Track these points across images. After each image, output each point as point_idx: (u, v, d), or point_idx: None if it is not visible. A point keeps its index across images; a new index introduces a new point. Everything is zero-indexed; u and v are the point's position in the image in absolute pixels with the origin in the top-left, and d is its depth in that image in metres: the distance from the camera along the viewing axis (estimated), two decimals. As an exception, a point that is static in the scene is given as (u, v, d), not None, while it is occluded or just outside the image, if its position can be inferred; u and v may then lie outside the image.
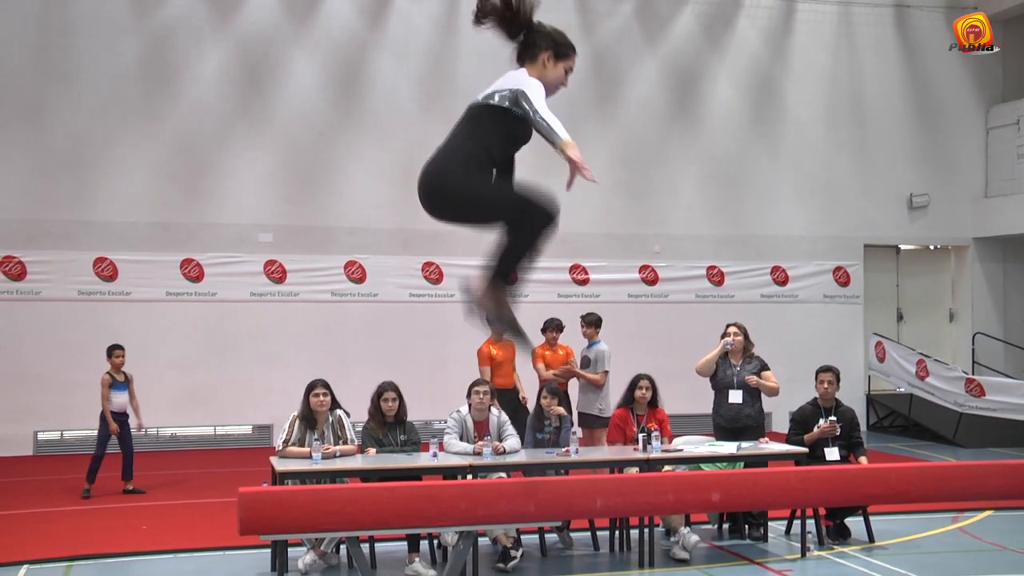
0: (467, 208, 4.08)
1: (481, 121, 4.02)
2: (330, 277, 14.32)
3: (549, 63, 4.09)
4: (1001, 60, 16.79)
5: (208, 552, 7.98)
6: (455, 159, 3.96)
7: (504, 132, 4.04)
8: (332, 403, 7.90)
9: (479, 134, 3.99)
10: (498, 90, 4.04)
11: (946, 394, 14.72)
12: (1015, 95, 16.47)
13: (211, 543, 8.12)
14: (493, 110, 4.00)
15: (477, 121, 4.03)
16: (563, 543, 8.32)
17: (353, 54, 14.60)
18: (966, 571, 7.50)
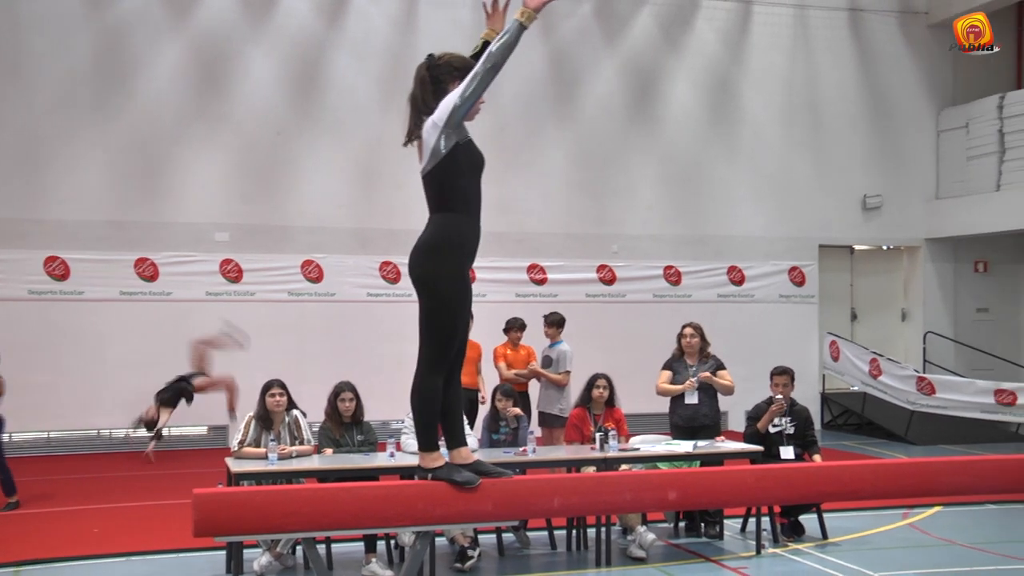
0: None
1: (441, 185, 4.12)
2: (287, 276, 14.22)
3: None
4: (951, 64, 17.06)
5: (162, 555, 7.89)
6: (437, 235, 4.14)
7: (453, 181, 4.08)
8: (288, 403, 7.85)
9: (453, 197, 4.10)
10: (428, 152, 4.12)
11: (898, 392, 14.93)
12: (965, 99, 16.74)
13: (165, 545, 8.04)
14: (440, 170, 4.09)
15: (439, 187, 4.13)
16: (520, 542, 8.33)
17: (311, 53, 14.51)
18: (916, 566, 7.61)
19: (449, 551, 7.80)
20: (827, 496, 5.47)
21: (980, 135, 16.18)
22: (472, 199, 4.11)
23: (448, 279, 4.10)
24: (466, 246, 4.13)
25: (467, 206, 4.11)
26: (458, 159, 4.06)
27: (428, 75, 4.15)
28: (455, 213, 4.09)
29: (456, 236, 4.09)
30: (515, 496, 4.28)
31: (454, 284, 4.11)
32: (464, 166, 4.08)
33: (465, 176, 4.10)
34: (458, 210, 4.08)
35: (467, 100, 3.94)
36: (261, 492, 4.22)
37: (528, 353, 10.72)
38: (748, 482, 4.75)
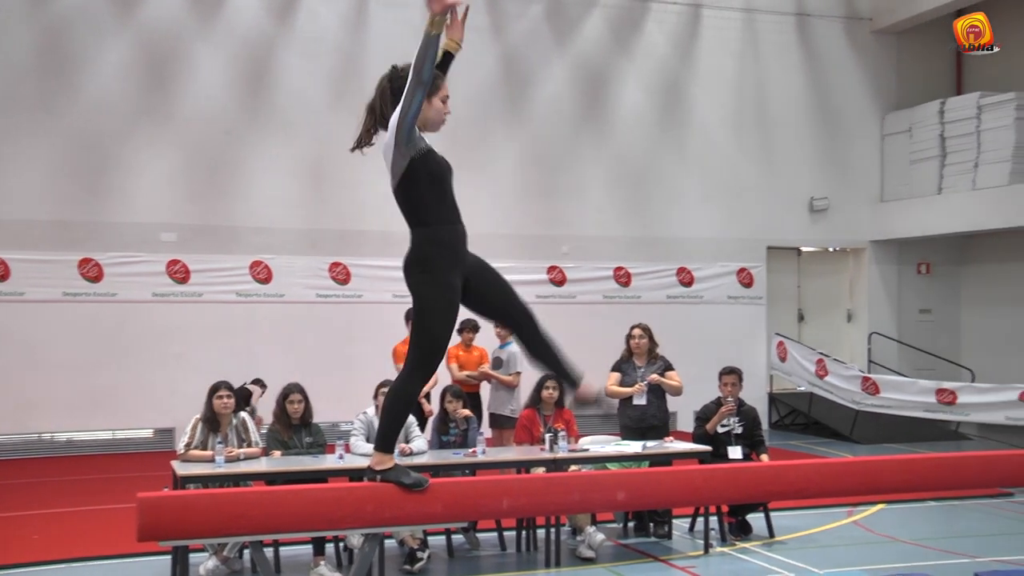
0: None
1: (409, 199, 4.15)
2: (235, 277, 14.08)
3: (427, 106, 4.04)
4: (895, 69, 17.35)
5: (105, 560, 7.76)
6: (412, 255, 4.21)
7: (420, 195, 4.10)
8: (236, 405, 7.79)
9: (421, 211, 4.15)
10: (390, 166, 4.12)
11: (844, 392, 15.14)
12: (909, 103, 17.03)
13: (108, 551, 7.91)
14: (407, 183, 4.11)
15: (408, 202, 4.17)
16: (470, 544, 8.33)
17: (260, 52, 14.38)
18: (860, 562, 7.73)
19: (398, 553, 7.78)
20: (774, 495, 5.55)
21: (923, 139, 16.47)
22: (443, 207, 4.15)
23: (430, 291, 4.14)
24: (445, 256, 4.15)
25: (439, 215, 4.15)
26: (418, 172, 4.08)
27: (389, 86, 4.13)
28: (427, 226, 4.13)
29: (432, 248, 4.14)
30: (464, 497, 4.27)
31: (436, 296, 4.15)
32: (426, 178, 4.10)
33: (430, 187, 4.12)
34: (431, 222, 4.12)
35: (404, 115, 3.93)
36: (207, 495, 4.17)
37: (481, 354, 10.72)
38: (696, 482, 4.79)
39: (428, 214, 4.11)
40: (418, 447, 8.02)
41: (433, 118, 4.14)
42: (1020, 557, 7.90)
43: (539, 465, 7.92)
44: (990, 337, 16.72)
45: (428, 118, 4.10)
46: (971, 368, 16.07)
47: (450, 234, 4.17)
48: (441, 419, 8.72)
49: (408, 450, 7.90)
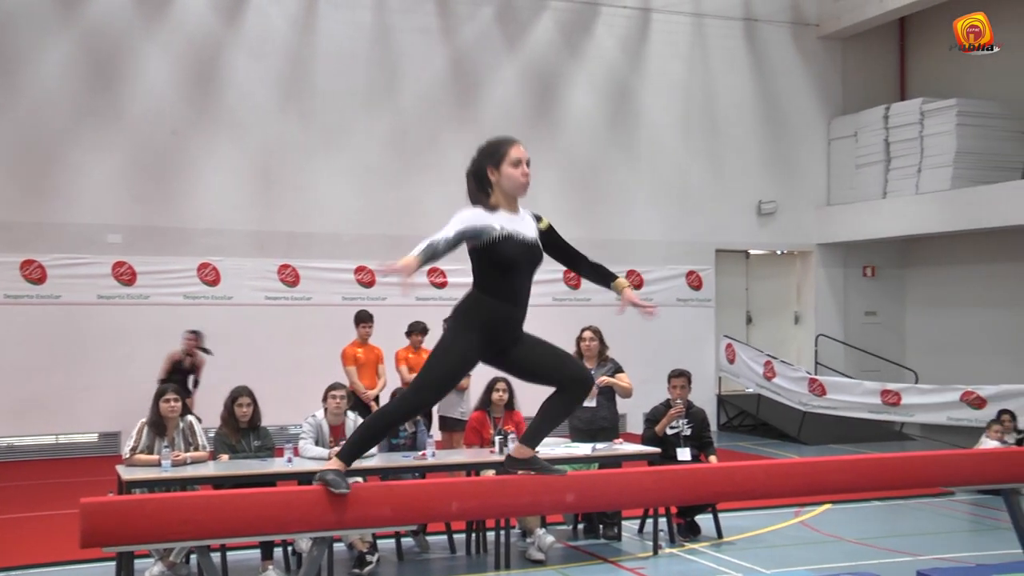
0: None
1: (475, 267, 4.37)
2: (183, 279, 13.92)
3: (495, 175, 4.22)
4: (841, 75, 17.60)
5: (46, 568, 7.62)
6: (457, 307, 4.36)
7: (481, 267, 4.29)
8: (184, 409, 7.70)
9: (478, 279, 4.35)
10: None
11: (791, 394, 15.33)
12: (854, 108, 17.29)
13: (49, 558, 7.77)
14: (472, 255, 4.29)
15: (474, 269, 4.36)
16: (419, 547, 8.30)
17: (208, 51, 14.23)
18: (806, 562, 7.82)
19: (347, 557, 7.73)
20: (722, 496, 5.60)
21: (868, 144, 16.73)
22: (502, 286, 4.26)
23: (454, 339, 4.26)
24: (483, 323, 4.24)
25: (496, 290, 4.27)
26: (486, 252, 4.23)
27: (473, 170, 4.32)
28: (482, 292, 4.26)
29: (475, 310, 4.25)
30: (413, 500, 4.27)
31: (456, 347, 4.25)
32: (490, 260, 4.24)
33: (492, 268, 4.26)
34: (486, 292, 4.25)
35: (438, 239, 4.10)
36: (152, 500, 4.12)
37: (430, 356, 10.69)
38: (645, 484, 4.82)
39: (486, 285, 4.26)
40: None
41: (509, 187, 4.27)
42: (961, 555, 8.05)
43: (489, 467, 7.91)
44: (933, 339, 17.03)
45: (505, 188, 4.25)
46: (915, 369, 16.36)
47: (498, 310, 4.27)
48: (391, 422, 8.68)
49: (358, 453, 7.86)
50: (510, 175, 4.22)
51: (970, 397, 13.38)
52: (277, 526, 4.09)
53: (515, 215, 4.31)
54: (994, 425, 11.59)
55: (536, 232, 4.38)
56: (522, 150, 4.26)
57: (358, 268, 14.60)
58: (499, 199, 4.27)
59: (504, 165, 4.21)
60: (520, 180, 4.25)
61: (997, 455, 6.17)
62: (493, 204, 4.26)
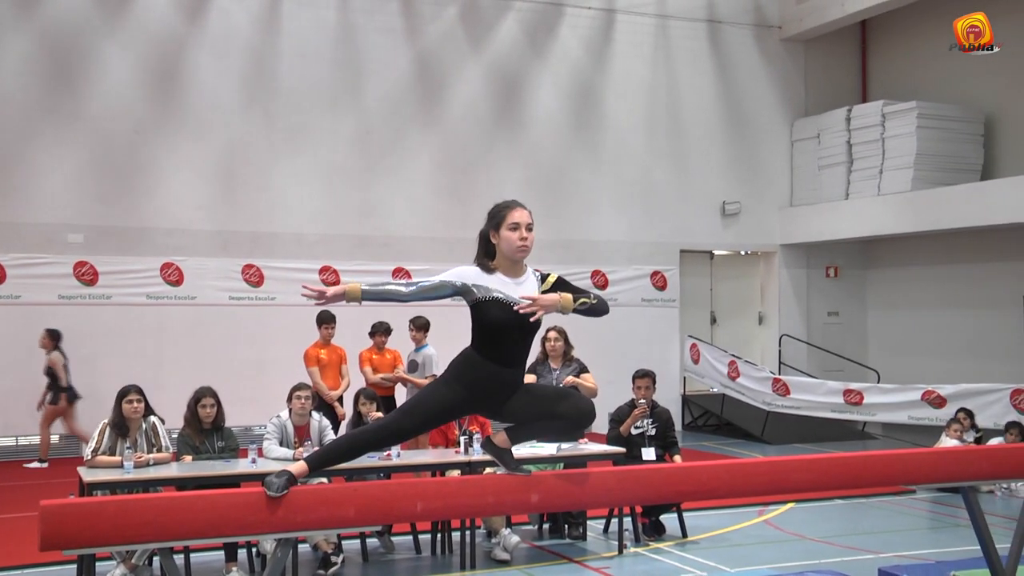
0: None
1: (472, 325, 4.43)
2: (145, 279, 13.78)
3: (496, 238, 4.34)
4: (803, 77, 17.76)
5: (6, 572, 7.51)
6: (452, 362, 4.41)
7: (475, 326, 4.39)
8: (146, 410, 7.62)
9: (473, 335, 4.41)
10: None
11: (755, 394, 15.45)
12: (816, 110, 17.45)
13: (9, 562, 7.66)
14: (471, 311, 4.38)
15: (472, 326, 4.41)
16: (384, 547, 8.28)
17: (170, 50, 14.11)
18: (769, 560, 7.88)
19: (312, 558, 7.70)
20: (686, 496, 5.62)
21: (830, 146, 16.88)
22: (494, 348, 4.31)
23: (444, 386, 4.36)
24: (469, 384, 4.32)
25: (489, 352, 4.32)
26: (475, 312, 4.34)
27: (480, 235, 4.44)
28: (476, 351, 4.33)
29: (468, 365, 4.33)
30: (378, 501, 4.25)
31: (440, 396, 4.35)
32: (479, 319, 4.33)
33: (481, 328, 4.34)
34: (480, 351, 4.32)
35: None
36: (114, 502, 4.07)
37: (394, 357, 10.69)
38: (610, 484, 4.83)
39: (476, 343, 4.34)
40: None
41: (506, 250, 4.34)
42: (922, 552, 8.14)
43: (454, 468, 7.91)
44: (894, 338, 17.22)
45: (504, 251, 4.32)
46: (877, 369, 16.54)
47: (486, 369, 4.32)
48: (354, 422, 8.66)
49: (322, 454, 7.83)
50: (507, 238, 4.31)
51: (930, 396, 13.55)
52: (241, 527, 4.07)
53: (514, 278, 4.38)
54: (953, 424, 11.76)
55: (536, 294, 4.36)
56: (523, 214, 4.34)
57: (323, 268, 14.53)
58: (500, 262, 4.37)
59: (503, 228, 4.31)
60: (516, 243, 4.31)
61: (956, 454, 6.25)
62: (492, 266, 4.36)
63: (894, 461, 5.42)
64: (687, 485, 4.93)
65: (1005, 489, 10.74)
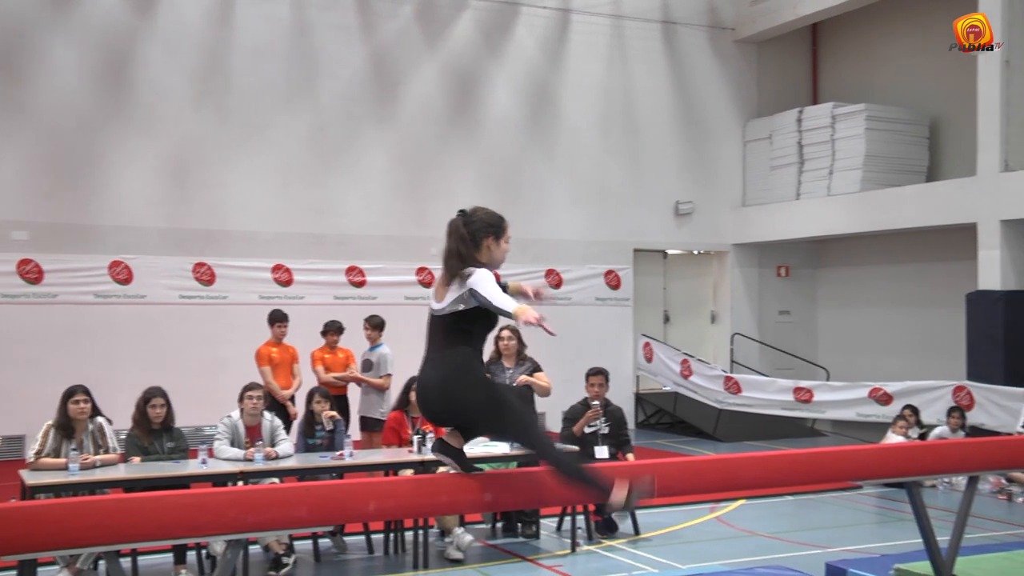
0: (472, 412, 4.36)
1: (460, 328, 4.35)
2: (93, 277, 13.57)
3: (493, 246, 4.43)
4: (756, 78, 17.93)
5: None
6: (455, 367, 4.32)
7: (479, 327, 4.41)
8: (93, 410, 7.51)
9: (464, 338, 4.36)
10: (454, 298, 4.32)
11: (707, 392, 15.57)
12: (768, 111, 17.62)
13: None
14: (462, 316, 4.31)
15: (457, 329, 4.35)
16: (337, 548, 8.24)
17: (119, 44, 13.89)
18: (721, 557, 7.95)
19: (263, 559, 7.64)
20: (638, 493, 5.64)
21: (782, 147, 17.05)
22: (480, 342, 4.47)
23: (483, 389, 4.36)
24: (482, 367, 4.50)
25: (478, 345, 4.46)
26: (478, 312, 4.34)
27: (467, 231, 4.41)
28: (473, 351, 4.42)
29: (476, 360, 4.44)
30: (330, 501, 4.22)
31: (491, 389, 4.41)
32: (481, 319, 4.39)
33: (479, 325, 4.42)
34: (476, 350, 4.44)
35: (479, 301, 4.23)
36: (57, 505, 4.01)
37: (347, 356, 10.63)
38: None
39: (475, 344, 4.42)
40: (284, 450, 7.91)
41: (497, 260, 4.48)
42: (868, 546, 8.27)
43: (407, 467, 7.89)
44: (843, 337, 17.45)
45: (493, 260, 4.44)
46: (826, 367, 16.75)
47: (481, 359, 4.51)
48: (307, 422, 8.62)
49: (273, 453, 7.78)
50: (503, 250, 4.49)
51: (877, 393, 13.74)
52: (190, 529, 4.02)
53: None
54: (899, 421, 11.97)
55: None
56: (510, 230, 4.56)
57: (276, 267, 14.42)
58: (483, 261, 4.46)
59: (502, 241, 4.48)
60: (504, 257, 4.54)
61: (901, 450, 6.36)
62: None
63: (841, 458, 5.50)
64: (639, 483, 4.93)
65: (947, 483, 10.94)
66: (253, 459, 7.62)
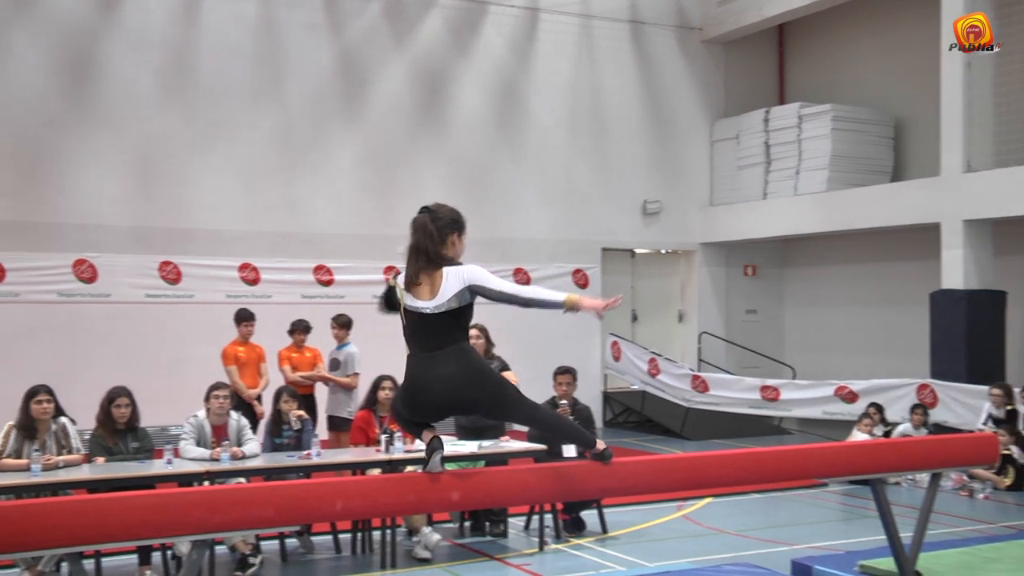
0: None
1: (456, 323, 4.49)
2: (57, 276, 13.41)
3: (457, 241, 4.59)
4: (723, 78, 18.02)
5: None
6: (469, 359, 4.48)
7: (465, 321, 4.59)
8: (56, 410, 7.43)
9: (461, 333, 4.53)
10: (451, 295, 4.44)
11: (675, 390, 15.64)
12: (736, 111, 17.72)
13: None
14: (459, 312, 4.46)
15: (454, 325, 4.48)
16: (304, 548, 8.21)
17: (84, 41, 13.74)
18: (688, 555, 7.99)
19: (229, 559, 7.59)
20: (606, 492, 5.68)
21: (749, 146, 17.15)
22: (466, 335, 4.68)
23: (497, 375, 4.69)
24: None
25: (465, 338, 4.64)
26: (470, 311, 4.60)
27: (434, 228, 4.54)
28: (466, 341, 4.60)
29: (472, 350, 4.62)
30: (297, 500, 4.21)
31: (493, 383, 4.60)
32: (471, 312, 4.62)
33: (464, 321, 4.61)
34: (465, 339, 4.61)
35: (492, 295, 4.50)
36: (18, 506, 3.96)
37: (314, 355, 10.59)
38: (531, 481, 4.87)
39: (465, 335, 4.61)
40: (250, 450, 7.87)
41: (461, 253, 4.69)
42: (833, 543, 8.34)
43: (375, 466, 7.87)
44: (809, 336, 17.59)
45: (458, 254, 4.65)
46: (792, 366, 16.88)
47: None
48: (274, 421, 8.57)
49: (240, 453, 7.74)
50: (464, 246, 4.67)
51: (843, 392, 13.87)
52: (154, 530, 3.99)
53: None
54: (864, 419, 12.08)
55: None
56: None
57: (242, 265, 14.32)
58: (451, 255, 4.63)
59: (463, 236, 4.64)
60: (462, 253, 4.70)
61: (866, 447, 6.42)
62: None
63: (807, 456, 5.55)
64: (608, 481, 4.98)
65: (910, 480, 11.06)
66: (219, 459, 7.57)
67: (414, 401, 4.50)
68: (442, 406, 4.51)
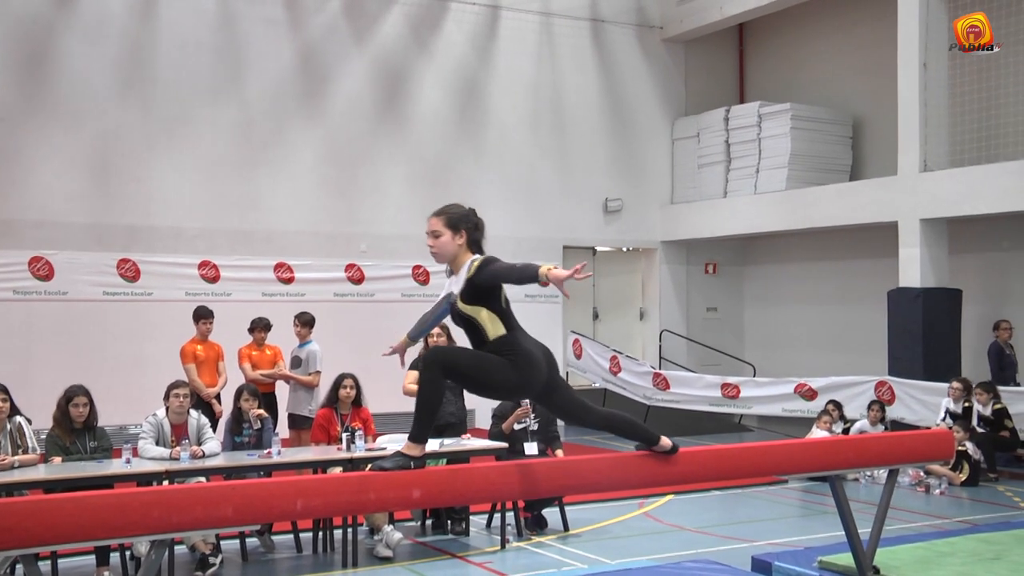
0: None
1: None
2: (12, 274, 13.20)
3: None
4: (684, 77, 18.12)
5: None
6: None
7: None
8: (12, 410, 7.33)
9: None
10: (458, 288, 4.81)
11: (636, 388, 15.71)
12: (696, 110, 17.82)
13: None
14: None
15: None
16: (265, 547, 8.16)
17: (39, 34, 13.53)
18: (648, 552, 8.03)
19: (189, 559, 7.52)
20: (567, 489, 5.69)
21: (709, 145, 17.26)
22: None
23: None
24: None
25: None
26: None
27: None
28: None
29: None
30: (256, 499, 4.17)
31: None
32: None
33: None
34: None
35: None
36: (-27, 507, 3.89)
37: (275, 353, 10.52)
38: (492, 478, 4.86)
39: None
40: (210, 449, 7.81)
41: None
42: (793, 539, 8.42)
43: (336, 465, 7.84)
44: (769, 333, 17.74)
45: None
46: (752, 363, 17.02)
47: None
48: (234, 419, 8.51)
49: (200, 452, 7.68)
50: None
51: (802, 389, 14.00)
52: (111, 530, 3.93)
53: (455, 275, 5.06)
54: (823, 416, 12.21)
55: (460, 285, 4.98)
56: (428, 222, 4.99)
57: (202, 263, 14.18)
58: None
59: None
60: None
61: (825, 444, 6.49)
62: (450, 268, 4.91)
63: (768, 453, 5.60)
64: (569, 479, 4.99)
65: (868, 477, 11.19)
66: (179, 458, 7.51)
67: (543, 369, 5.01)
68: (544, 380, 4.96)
